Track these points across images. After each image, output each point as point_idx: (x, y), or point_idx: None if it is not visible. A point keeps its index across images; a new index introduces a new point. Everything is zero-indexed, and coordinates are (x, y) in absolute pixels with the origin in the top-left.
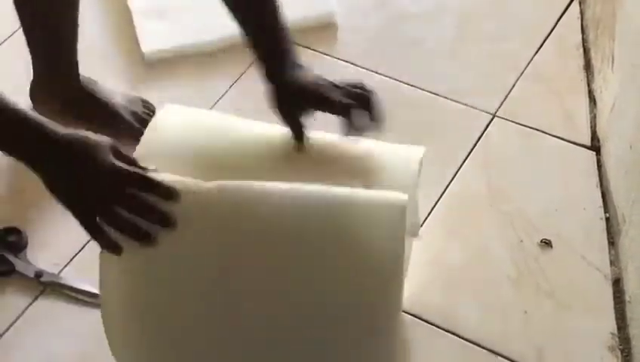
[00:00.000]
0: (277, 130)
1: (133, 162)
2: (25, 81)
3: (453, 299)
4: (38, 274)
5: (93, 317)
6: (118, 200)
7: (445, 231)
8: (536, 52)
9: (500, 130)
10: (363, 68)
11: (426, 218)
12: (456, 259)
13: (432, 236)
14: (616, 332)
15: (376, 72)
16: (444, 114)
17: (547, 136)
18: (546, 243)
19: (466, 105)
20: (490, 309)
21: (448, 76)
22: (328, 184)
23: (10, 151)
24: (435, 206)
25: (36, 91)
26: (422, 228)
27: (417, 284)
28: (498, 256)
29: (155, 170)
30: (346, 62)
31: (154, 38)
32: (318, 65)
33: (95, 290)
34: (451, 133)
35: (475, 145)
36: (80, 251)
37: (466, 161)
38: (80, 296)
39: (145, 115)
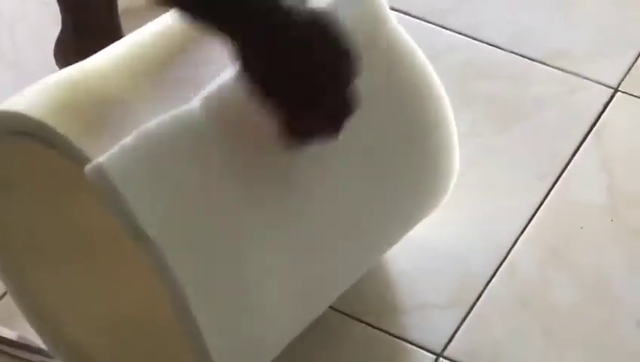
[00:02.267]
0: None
1: None
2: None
3: (557, 352)
4: None
5: None
6: None
7: (544, 258)
8: None
9: (623, 111)
10: (429, 22)
11: (516, 240)
12: (561, 297)
13: (526, 264)
14: None
15: (444, 27)
16: (543, 87)
17: None
18: None
19: (576, 75)
20: None
21: (552, 35)
22: None
23: None
24: (529, 222)
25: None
26: (511, 254)
27: (508, 329)
28: (623, 293)
29: None
30: (409, 15)
31: None
32: None
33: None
34: (554, 115)
35: (589, 132)
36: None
37: (576, 156)
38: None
39: None
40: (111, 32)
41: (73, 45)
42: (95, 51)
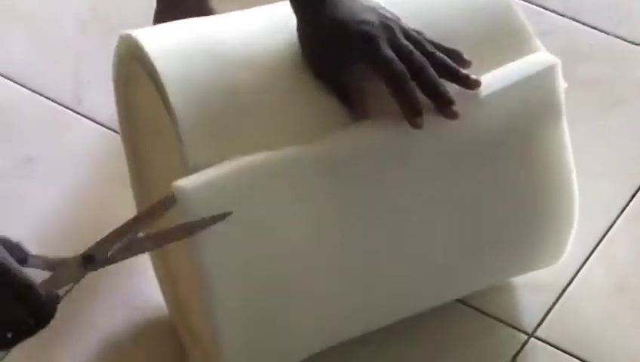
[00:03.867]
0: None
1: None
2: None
3: None
4: None
5: None
6: None
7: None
8: None
9: None
10: (532, 3)
11: (612, 224)
12: None
13: (622, 248)
14: None
15: (546, 8)
16: None
17: None
18: None
19: None
20: None
21: None
22: None
23: None
24: (626, 206)
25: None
26: (606, 238)
27: (601, 314)
28: None
29: None
30: None
31: None
32: None
33: None
34: None
35: None
36: None
37: None
38: None
39: None
40: (204, 10)
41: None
42: None
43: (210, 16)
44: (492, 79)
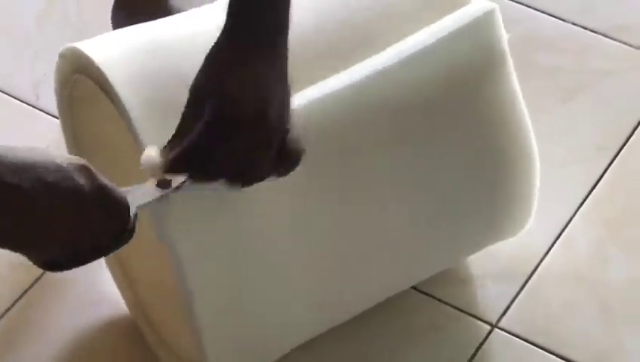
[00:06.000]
0: None
1: None
2: None
3: (612, 327)
4: None
5: None
6: None
7: (602, 232)
8: None
9: None
10: None
11: (574, 213)
12: (618, 272)
13: (583, 238)
14: None
15: None
16: (606, 61)
17: None
18: None
19: None
20: None
21: (616, 8)
22: None
23: None
24: (588, 195)
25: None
26: (568, 228)
27: (564, 303)
28: None
29: None
30: None
31: None
32: None
33: None
34: (616, 89)
35: None
36: None
37: (637, 129)
38: None
39: None
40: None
41: (125, 12)
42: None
43: (160, 19)
44: (428, 34)
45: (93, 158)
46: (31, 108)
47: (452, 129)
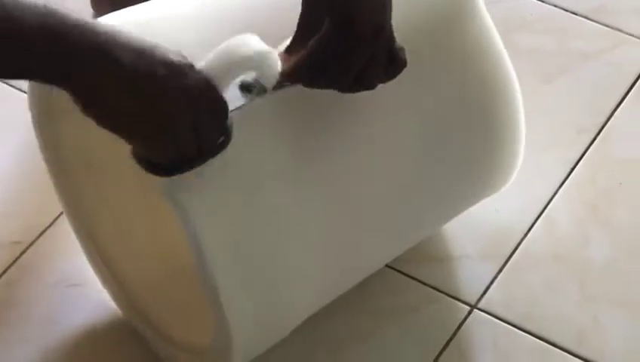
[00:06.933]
0: None
1: None
2: None
3: (592, 305)
4: None
5: None
6: None
7: (582, 213)
8: None
9: None
10: None
11: (554, 194)
12: (597, 252)
13: (563, 218)
14: None
15: None
16: (586, 42)
17: None
18: None
19: (620, 30)
20: None
21: None
22: None
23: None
24: (568, 176)
25: None
26: (548, 208)
27: (544, 283)
28: None
29: None
30: None
31: None
32: None
33: None
34: (596, 70)
35: (631, 87)
36: None
37: (617, 111)
38: None
39: None
40: None
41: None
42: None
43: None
44: None
45: (78, 175)
46: (9, 87)
47: (436, 65)
